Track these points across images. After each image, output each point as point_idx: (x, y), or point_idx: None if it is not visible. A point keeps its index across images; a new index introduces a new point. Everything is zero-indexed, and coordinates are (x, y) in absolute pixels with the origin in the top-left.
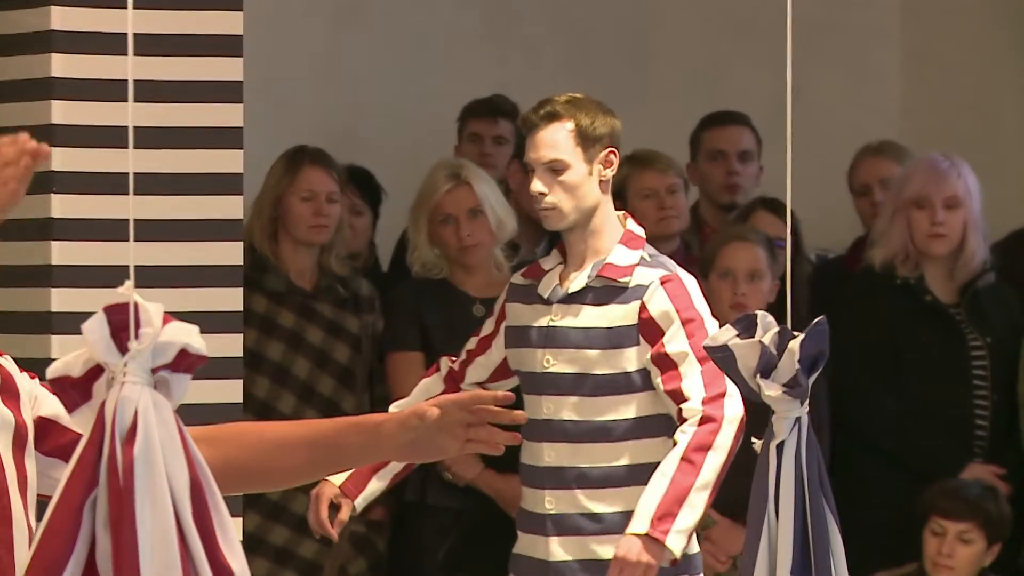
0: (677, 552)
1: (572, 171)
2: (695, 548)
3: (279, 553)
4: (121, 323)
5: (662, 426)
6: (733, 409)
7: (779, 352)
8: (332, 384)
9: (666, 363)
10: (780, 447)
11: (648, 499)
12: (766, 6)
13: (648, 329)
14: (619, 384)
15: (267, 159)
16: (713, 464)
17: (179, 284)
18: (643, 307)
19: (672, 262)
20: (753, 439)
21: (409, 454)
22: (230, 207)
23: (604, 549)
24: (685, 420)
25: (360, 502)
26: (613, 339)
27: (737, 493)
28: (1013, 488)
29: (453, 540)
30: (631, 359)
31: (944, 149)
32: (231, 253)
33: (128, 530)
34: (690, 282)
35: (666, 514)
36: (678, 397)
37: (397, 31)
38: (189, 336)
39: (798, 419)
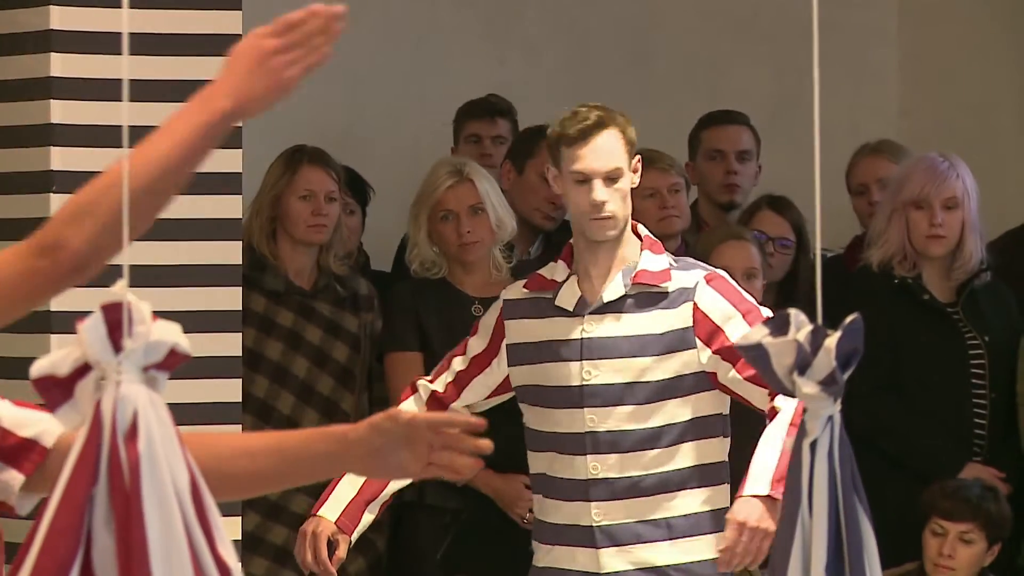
0: None
1: (625, 178)
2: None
3: (278, 552)
4: (115, 322)
5: (718, 426)
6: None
7: (813, 350)
8: (331, 383)
9: (736, 354)
10: (813, 445)
11: (762, 462)
12: (765, 6)
13: (704, 328)
14: (672, 388)
15: (266, 158)
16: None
17: (178, 283)
18: (696, 308)
19: (699, 262)
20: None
21: (372, 466)
22: (229, 206)
23: (661, 555)
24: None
25: (355, 536)
26: (668, 344)
27: None
28: (1012, 487)
29: (451, 539)
30: (688, 362)
31: (942, 149)
32: (230, 252)
33: (137, 529)
34: (729, 277)
35: (783, 476)
36: (759, 380)
37: (396, 31)
38: (177, 335)
39: (830, 417)
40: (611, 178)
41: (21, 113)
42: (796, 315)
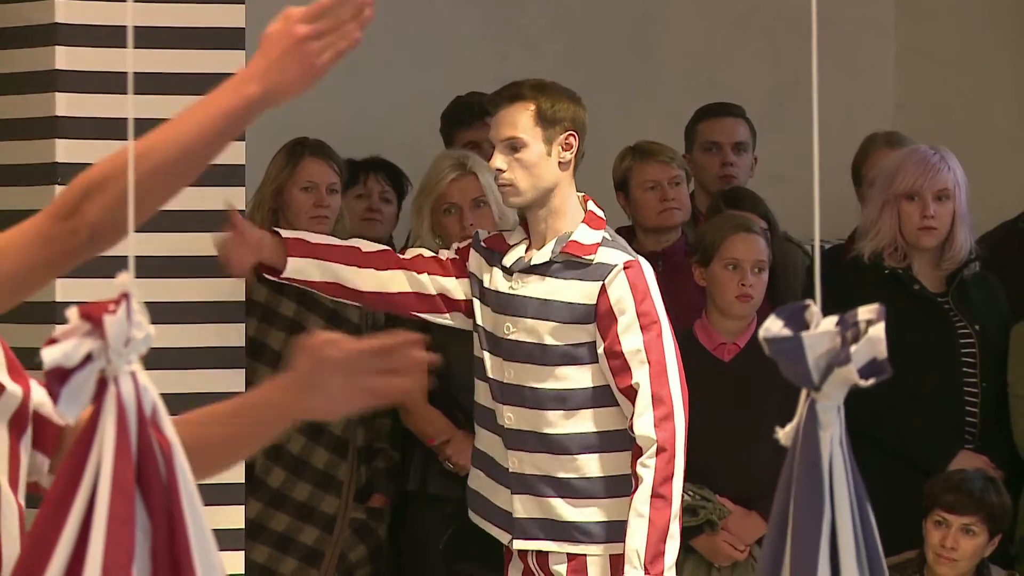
0: None
1: (529, 149)
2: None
3: (280, 540)
4: (127, 312)
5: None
6: (680, 430)
7: (851, 340)
8: None
9: (620, 361)
10: (831, 436)
11: (635, 542)
12: (763, 0)
13: (603, 314)
14: (572, 356)
15: (269, 151)
16: (679, 489)
17: (182, 274)
18: (603, 289)
19: (629, 247)
20: (778, 429)
21: (316, 403)
22: (232, 198)
23: (565, 512)
24: (640, 448)
25: (288, 271)
26: (574, 314)
27: (747, 483)
28: (1004, 475)
29: (453, 529)
30: (587, 332)
31: (938, 142)
32: None
33: (178, 519)
34: (649, 272)
35: (656, 554)
36: (631, 397)
37: (398, 25)
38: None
39: (839, 407)
40: (512, 147)
41: (26, 106)
42: (811, 307)
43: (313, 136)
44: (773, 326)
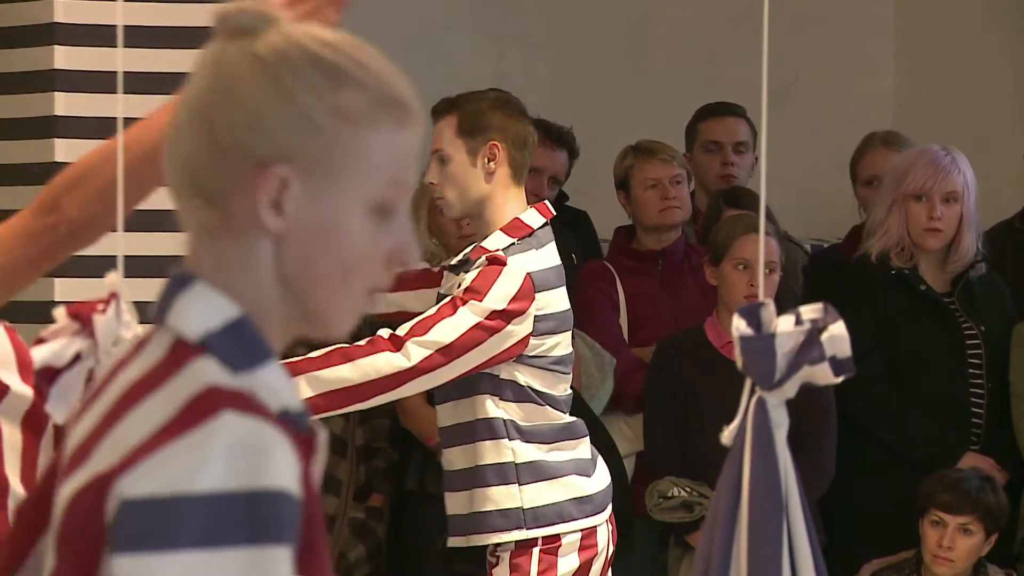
0: None
1: (453, 162)
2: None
3: None
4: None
5: (485, 383)
6: (397, 360)
7: (810, 338)
8: None
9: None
10: (782, 435)
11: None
12: None
13: None
14: None
15: None
16: (339, 374)
17: None
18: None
19: (531, 254)
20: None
21: None
22: None
23: (450, 504)
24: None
25: None
26: None
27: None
28: (1008, 475)
29: None
30: None
31: (937, 140)
32: None
33: None
34: (513, 274)
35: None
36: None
37: (396, 23)
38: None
39: (785, 406)
40: (440, 160)
41: (25, 105)
42: (767, 307)
43: None
44: (740, 324)
